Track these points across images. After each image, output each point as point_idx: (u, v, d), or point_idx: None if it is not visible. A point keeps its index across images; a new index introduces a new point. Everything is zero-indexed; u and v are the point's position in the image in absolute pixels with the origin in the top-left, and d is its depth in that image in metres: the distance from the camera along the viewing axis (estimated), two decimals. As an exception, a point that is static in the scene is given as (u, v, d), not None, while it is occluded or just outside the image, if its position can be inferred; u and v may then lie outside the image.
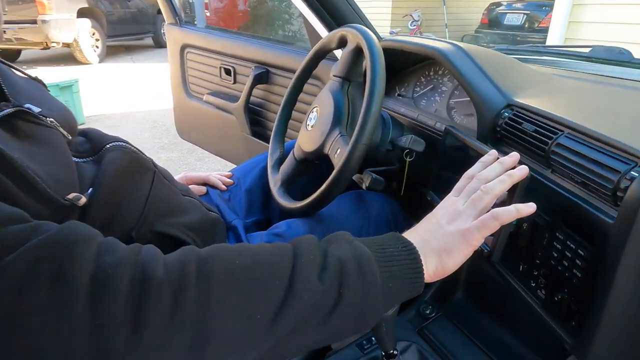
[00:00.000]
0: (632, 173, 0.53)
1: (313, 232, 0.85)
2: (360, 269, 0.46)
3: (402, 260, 0.50)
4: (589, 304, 0.61)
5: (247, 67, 1.75)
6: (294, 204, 0.90)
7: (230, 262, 0.42)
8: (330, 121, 0.88)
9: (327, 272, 0.44)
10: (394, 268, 0.49)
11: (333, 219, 0.88)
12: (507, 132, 0.76)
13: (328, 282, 0.44)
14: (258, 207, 1.05)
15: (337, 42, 0.94)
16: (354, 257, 0.47)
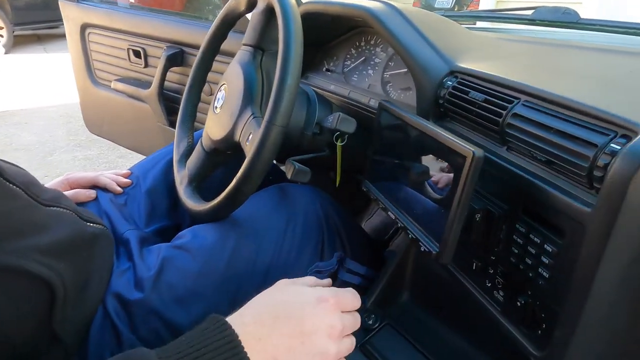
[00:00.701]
0: (611, 146, 0.41)
1: (224, 239, 0.68)
2: None
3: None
4: (560, 309, 0.49)
5: (159, 48, 1.53)
6: (202, 205, 0.73)
7: None
8: (240, 100, 0.71)
9: None
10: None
11: (250, 222, 0.71)
12: (452, 105, 0.63)
13: None
14: (163, 211, 0.86)
15: (247, 3, 0.77)
16: None
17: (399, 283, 0.82)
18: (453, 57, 0.68)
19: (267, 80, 0.72)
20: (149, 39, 1.55)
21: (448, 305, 0.75)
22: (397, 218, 0.63)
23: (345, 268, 0.84)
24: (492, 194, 0.56)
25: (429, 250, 0.55)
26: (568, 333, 0.49)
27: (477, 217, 0.57)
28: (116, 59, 1.67)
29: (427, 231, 0.57)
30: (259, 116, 0.67)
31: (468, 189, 0.50)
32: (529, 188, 0.51)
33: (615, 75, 0.56)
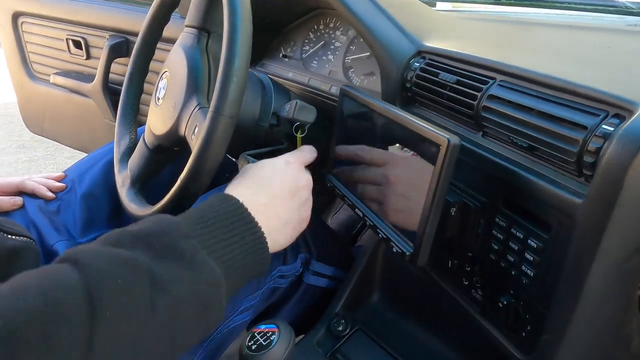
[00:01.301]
0: (603, 127, 0.36)
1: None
2: (206, 310, 0.39)
3: (249, 257, 0.44)
4: (546, 311, 0.45)
5: (101, 37, 1.40)
6: (146, 209, 0.64)
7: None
8: (183, 90, 0.62)
9: (156, 314, 0.35)
10: (238, 271, 0.43)
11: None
12: (420, 88, 0.58)
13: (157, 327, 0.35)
14: (103, 218, 0.76)
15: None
16: (197, 295, 0.38)
17: (368, 283, 0.76)
18: (419, 37, 0.62)
19: (214, 65, 0.64)
20: (90, 27, 1.42)
21: (423, 306, 0.70)
22: (365, 216, 0.57)
23: (311, 271, 0.77)
24: (468, 185, 0.51)
25: (402, 252, 0.49)
26: (556, 336, 0.44)
27: (453, 211, 0.52)
28: (54, 50, 1.53)
29: (398, 230, 0.51)
30: (206, 106, 0.59)
31: (443, 182, 0.44)
32: (509, 177, 0.46)
33: (593, 52, 0.52)
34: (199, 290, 0.38)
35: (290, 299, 0.77)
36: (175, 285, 0.37)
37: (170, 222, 0.41)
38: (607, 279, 0.39)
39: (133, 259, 0.36)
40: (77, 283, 0.32)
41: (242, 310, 0.68)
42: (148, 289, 0.35)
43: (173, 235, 0.40)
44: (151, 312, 0.35)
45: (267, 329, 0.49)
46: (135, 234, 0.39)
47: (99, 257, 0.36)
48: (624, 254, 0.37)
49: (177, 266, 0.38)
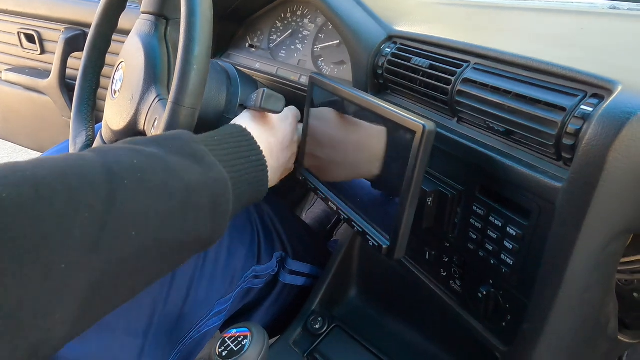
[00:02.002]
0: (582, 108, 0.35)
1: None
2: (215, 204, 0.41)
3: (252, 174, 0.48)
4: (527, 300, 0.44)
5: (56, 30, 1.32)
6: (105, 211, 0.59)
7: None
8: (141, 80, 0.58)
9: (169, 194, 0.37)
10: (242, 187, 0.46)
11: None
12: (392, 74, 0.55)
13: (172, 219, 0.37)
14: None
15: (143, -38, 0.63)
16: (207, 188, 0.41)
17: (345, 279, 0.74)
18: (390, 22, 0.59)
19: (174, 54, 0.60)
20: (44, 20, 1.34)
21: (401, 299, 0.68)
22: (339, 209, 0.54)
23: (287, 270, 0.75)
24: (445, 173, 0.49)
25: (378, 245, 0.47)
26: (537, 325, 0.43)
27: (429, 200, 0.50)
28: (5, 45, 1.45)
29: (374, 222, 0.49)
30: (166, 98, 0.55)
31: (419, 170, 0.42)
32: (486, 164, 0.44)
33: (567, 34, 0.51)
34: (208, 183, 0.41)
35: (266, 299, 0.74)
36: (186, 174, 0.39)
37: (184, 132, 0.45)
38: (588, 264, 0.38)
39: (148, 151, 0.39)
40: (97, 161, 0.35)
41: (214, 314, 0.64)
42: (161, 172, 0.38)
43: (185, 139, 0.43)
44: (165, 191, 0.37)
45: (239, 333, 0.46)
46: (150, 138, 0.43)
47: (115, 147, 0.39)
48: (605, 239, 0.36)
49: (188, 161, 0.40)
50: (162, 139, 0.43)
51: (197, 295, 0.60)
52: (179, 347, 0.62)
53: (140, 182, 0.36)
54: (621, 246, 0.39)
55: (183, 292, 0.58)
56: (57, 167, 0.33)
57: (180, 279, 0.58)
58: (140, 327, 0.55)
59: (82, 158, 0.35)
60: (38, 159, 0.33)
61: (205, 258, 0.61)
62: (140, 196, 0.35)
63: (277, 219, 0.75)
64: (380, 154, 0.47)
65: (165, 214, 0.36)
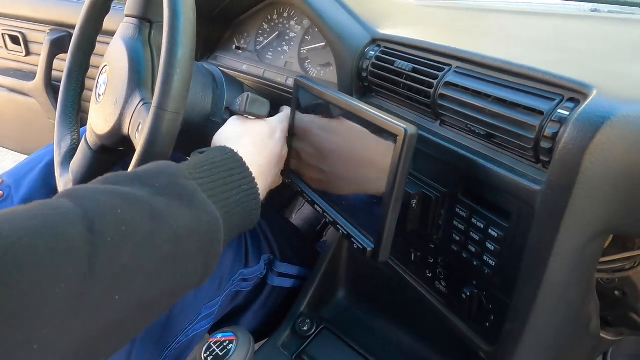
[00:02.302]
0: (559, 112, 0.36)
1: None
2: (206, 249, 0.39)
3: (244, 204, 0.46)
4: (509, 301, 0.44)
5: (41, 32, 1.31)
6: (90, 215, 0.59)
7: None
8: (125, 84, 0.57)
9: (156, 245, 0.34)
10: (234, 221, 0.44)
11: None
12: (376, 77, 0.56)
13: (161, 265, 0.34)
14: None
15: (127, -35, 0.63)
16: (198, 234, 0.38)
17: (333, 280, 0.75)
18: (374, 25, 0.60)
19: (158, 57, 0.60)
20: (28, 21, 1.33)
21: (389, 301, 0.68)
22: (325, 212, 0.54)
23: (276, 272, 0.75)
24: (428, 175, 0.50)
25: (363, 248, 0.47)
26: (519, 325, 0.44)
27: (414, 203, 0.51)
28: (-11, 47, 1.42)
29: (359, 225, 0.49)
30: (150, 102, 0.55)
31: (402, 173, 0.42)
32: (468, 166, 0.45)
33: (547, 37, 0.51)
34: (198, 229, 0.38)
35: (255, 302, 0.74)
36: (175, 220, 0.36)
37: (169, 165, 0.42)
38: (567, 265, 0.38)
39: (132, 194, 0.36)
40: (76, 213, 0.31)
41: (201, 318, 0.64)
42: (148, 221, 0.34)
43: (172, 175, 0.40)
44: (152, 242, 0.34)
45: (224, 338, 0.46)
46: (133, 174, 0.39)
47: (95, 192, 0.35)
48: (583, 240, 0.37)
49: (176, 203, 0.37)
50: (146, 175, 0.39)
51: (185, 300, 0.60)
52: (167, 351, 0.62)
53: (125, 236, 0.32)
54: (599, 247, 0.40)
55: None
56: (31, 227, 0.29)
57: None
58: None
59: (58, 212, 0.31)
60: (13, 212, 0.30)
61: (191, 262, 0.61)
62: (125, 254, 0.32)
63: (265, 222, 0.75)
64: (364, 157, 0.47)
65: (152, 270, 0.33)
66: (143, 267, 0.33)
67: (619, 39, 0.49)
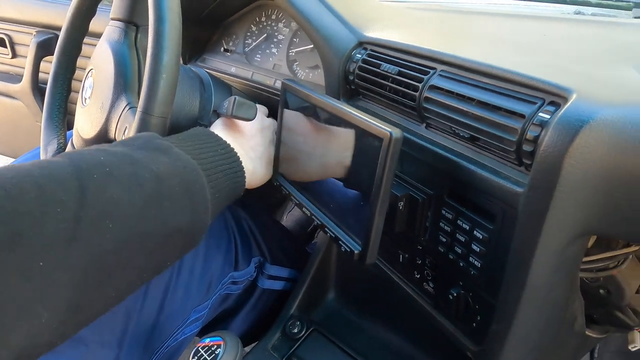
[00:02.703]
0: (540, 116, 0.36)
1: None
2: (189, 192, 0.41)
3: (224, 165, 0.48)
4: (494, 301, 0.45)
5: (28, 34, 1.30)
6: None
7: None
8: (111, 88, 0.57)
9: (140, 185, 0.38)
10: (217, 177, 0.46)
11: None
12: (363, 80, 0.56)
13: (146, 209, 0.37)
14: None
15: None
16: (177, 175, 0.41)
17: (323, 282, 0.75)
18: (360, 28, 0.60)
19: (144, 61, 0.59)
20: (14, 23, 1.31)
21: (378, 302, 0.69)
22: (313, 215, 0.55)
23: (266, 275, 0.75)
24: (415, 178, 0.50)
25: (350, 250, 0.48)
26: (504, 325, 0.44)
27: (401, 205, 0.51)
28: (-25, 49, 1.40)
29: (347, 228, 0.50)
30: (136, 106, 0.55)
31: (388, 176, 0.42)
32: (453, 169, 0.45)
33: (530, 40, 0.52)
34: (178, 171, 0.41)
35: (245, 304, 0.74)
36: (154, 164, 0.39)
37: (146, 133, 0.46)
38: (550, 266, 0.39)
39: (112, 149, 0.40)
40: (63, 161, 0.35)
41: (190, 322, 0.64)
42: (128, 165, 0.38)
43: (148, 137, 0.44)
44: (135, 182, 0.37)
45: (212, 343, 0.46)
46: (113, 142, 0.44)
47: (81, 150, 0.39)
48: (565, 241, 0.37)
49: (154, 154, 0.41)
50: (126, 139, 0.44)
51: (173, 304, 0.60)
52: (156, 355, 0.62)
53: (109, 175, 0.36)
54: (581, 247, 0.40)
55: (158, 302, 0.58)
56: (23, 168, 0.32)
57: (155, 289, 0.58)
58: (114, 338, 0.55)
59: (48, 160, 0.36)
60: (5, 166, 0.33)
61: (180, 266, 0.61)
62: (111, 188, 0.35)
63: (254, 224, 0.75)
64: (350, 160, 0.48)
65: (139, 204, 0.36)
66: (130, 201, 0.36)
67: (601, 42, 0.50)
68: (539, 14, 0.64)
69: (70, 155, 0.37)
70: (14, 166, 0.33)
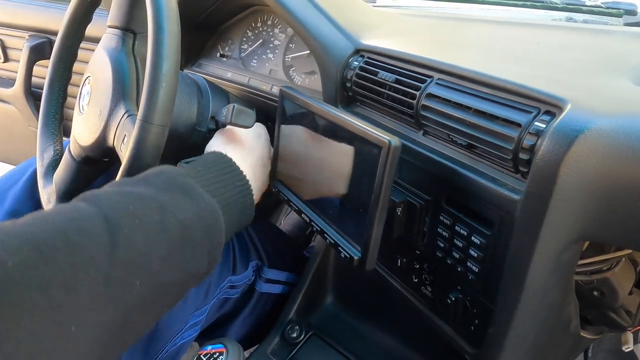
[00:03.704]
0: (536, 125, 0.37)
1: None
2: (209, 237, 0.42)
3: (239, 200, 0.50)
4: (492, 305, 0.45)
5: (20, 38, 1.29)
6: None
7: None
8: (109, 96, 0.57)
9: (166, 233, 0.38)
10: (232, 214, 0.48)
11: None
12: (360, 87, 0.57)
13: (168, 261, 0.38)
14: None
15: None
16: (200, 221, 0.42)
17: (321, 286, 0.75)
18: (357, 35, 0.61)
19: (142, 68, 0.59)
20: (6, 27, 1.30)
21: (376, 306, 0.69)
22: (312, 221, 0.55)
23: (264, 278, 0.75)
24: (413, 184, 0.51)
25: (350, 256, 0.48)
26: (502, 329, 0.45)
27: (399, 211, 0.52)
28: (-34, 53, 1.39)
29: (346, 234, 0.50)
30: (135, 114, 0.55)
31: (387, 184, 0.43)
32: (450, 176, 0.46)
33: (525, 49, 0.53)
34: (201, 217, 0.42)
35: (243, 309, 0.75)
36: (179, 211, 0.40)
37: (167, 167, 0.46)
38: (546, 271, 0.40)
39: (139, 192, 0.40)
40: (93, 212, 0.35)
41: (189, 326, 0.64)
42: (156, 213, 0.38)
43: (170, 174, 0.44)
44: (163, 231, 0.38)
45: (214, 350, 0.47)
46: (136, 177, 0.44)
47: (108, 193, 0.39)
48: (561, 246, 0.38)
49: (179, 197, 0.42)
50: (149, 175, 0.44)
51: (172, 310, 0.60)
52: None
53: (139, 228, 0.36)
54: (576, 252, 0.41)
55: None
56: (55, 224, 0.33)
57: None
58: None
59: (77, 210, 0.35)
60: (34, 218, 0.33)
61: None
62: (140, 243, 0.36)
63: (252, 228, 0.76)
64: (349, 167, 0.48)
65: (164, 254, 0.37)
66: (157, 253, 0.37)
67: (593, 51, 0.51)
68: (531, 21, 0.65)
69: (98, 201, 0.37)
70: (42, 220, 0.33)
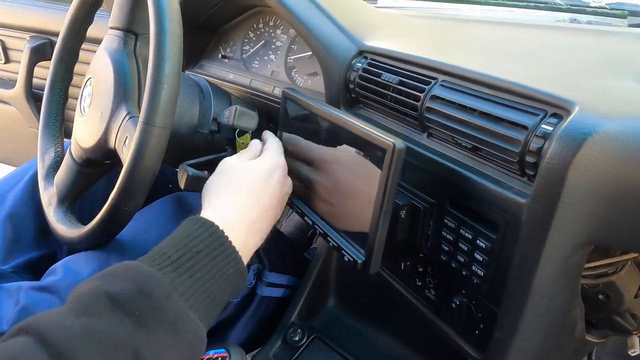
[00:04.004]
0: (543, 127, 0.37)
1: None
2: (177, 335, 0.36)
3: (229, 289, 0.43)
4: (498, 310, 0.45)
5: (21, 39, 1.29)
6: (76, 230, 0.58)
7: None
8: (111, 97, 0.57)
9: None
10: (219, 305, 0.42)
11: (139, 244, 0.59)
12: (363, 89, 0.56)
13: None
14: (30, 239, 0.69)
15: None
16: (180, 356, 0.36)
17: (323, 289, 0.75)
18: (360, 36, 0.60)
19: (144, 70, 0.59)
20: (8, 28, 1.30)
21: (379, 309, 0.69)
22: (315, 224, 0.55)
23: (265, 282, 0.74)
24: (417, 186, 0.50)
25: (354, 260, 0.48)
26: (507, 333, 0.45)
27: (403, 213, 0.51)
28: (-33, 54, 1.38)
29: (349, 237, 0.50)
30: (137, 116, 0.54)
31: (391, 186, 0.43)
32: (455, 178, 0.45)
33: (530, 50, 0.53)
34: (183, 351, 0.36)
35: (244, 313, 0.74)
36: (159, 357, 0.34)
37: (147, 277, 0.37)
38: (553, 275, 0.39)
39: (112, 333, 0.32)
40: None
41: (190, 331, 0.63)
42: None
43: (154, 297, 0.36)
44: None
45: (216, 355, 0.46)
46: (113, 297, 0.35)
47: (69, 332, 0.31)
48: (568, 250, 0.38)
49: (161, 331, 0.35)
50: (127, 301, 0.35)
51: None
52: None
53: None
54: (583, 256, 0.41)
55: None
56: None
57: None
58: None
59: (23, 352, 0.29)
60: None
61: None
62: None
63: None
64: (353, 169, 0.48)
65: None
66: None
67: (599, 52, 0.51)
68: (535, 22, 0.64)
69: (58, 353, 0.29)
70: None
